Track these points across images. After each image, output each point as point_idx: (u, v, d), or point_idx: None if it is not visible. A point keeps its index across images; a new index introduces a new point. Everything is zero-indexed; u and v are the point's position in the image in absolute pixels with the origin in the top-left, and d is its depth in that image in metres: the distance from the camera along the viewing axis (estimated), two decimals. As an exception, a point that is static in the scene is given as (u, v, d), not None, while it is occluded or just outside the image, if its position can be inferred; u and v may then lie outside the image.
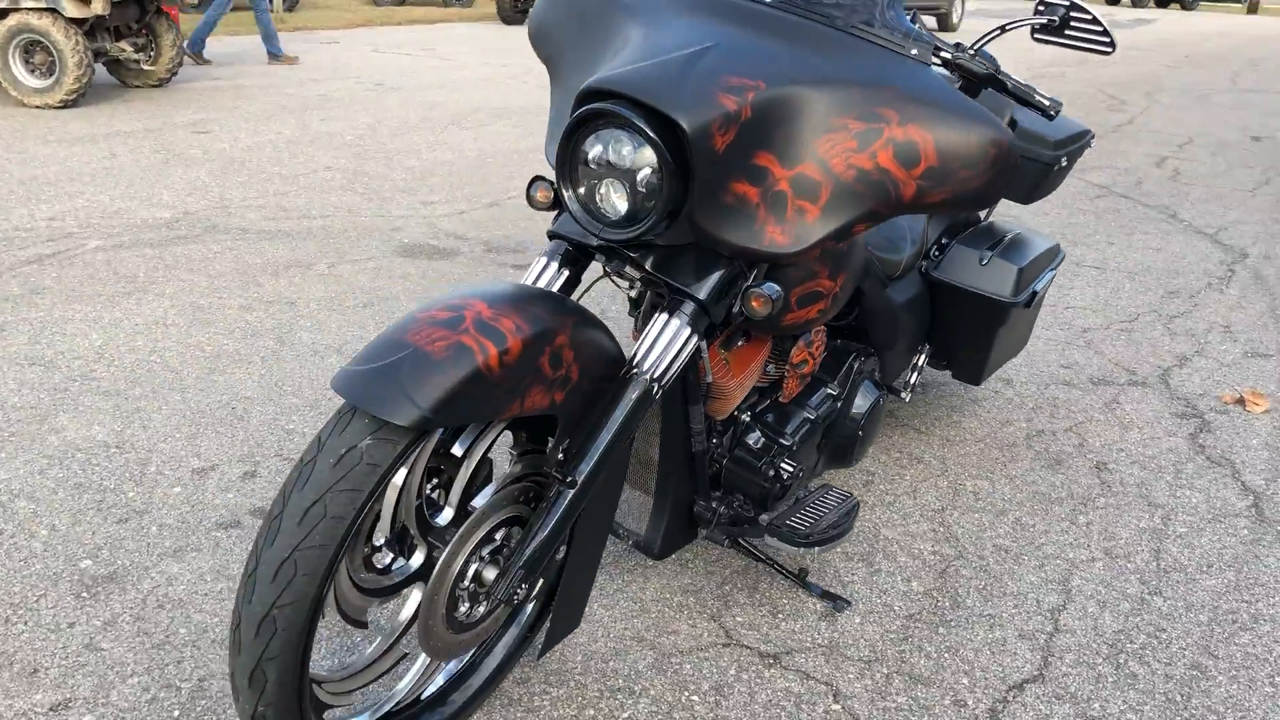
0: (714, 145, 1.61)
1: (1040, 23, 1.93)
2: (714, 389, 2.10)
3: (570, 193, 1.73)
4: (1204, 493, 2.83)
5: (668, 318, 1.78)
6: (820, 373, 2.41)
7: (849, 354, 2.46)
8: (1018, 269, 2.68)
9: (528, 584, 1.70)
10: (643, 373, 1.74)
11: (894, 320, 2.55)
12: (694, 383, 2.01)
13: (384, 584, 1.65)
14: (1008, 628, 2.26)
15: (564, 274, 1.90)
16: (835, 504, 2.29)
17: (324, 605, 1.47)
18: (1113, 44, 1.88)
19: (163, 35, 7.78)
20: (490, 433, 1.71)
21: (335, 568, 1.44)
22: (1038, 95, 1.91)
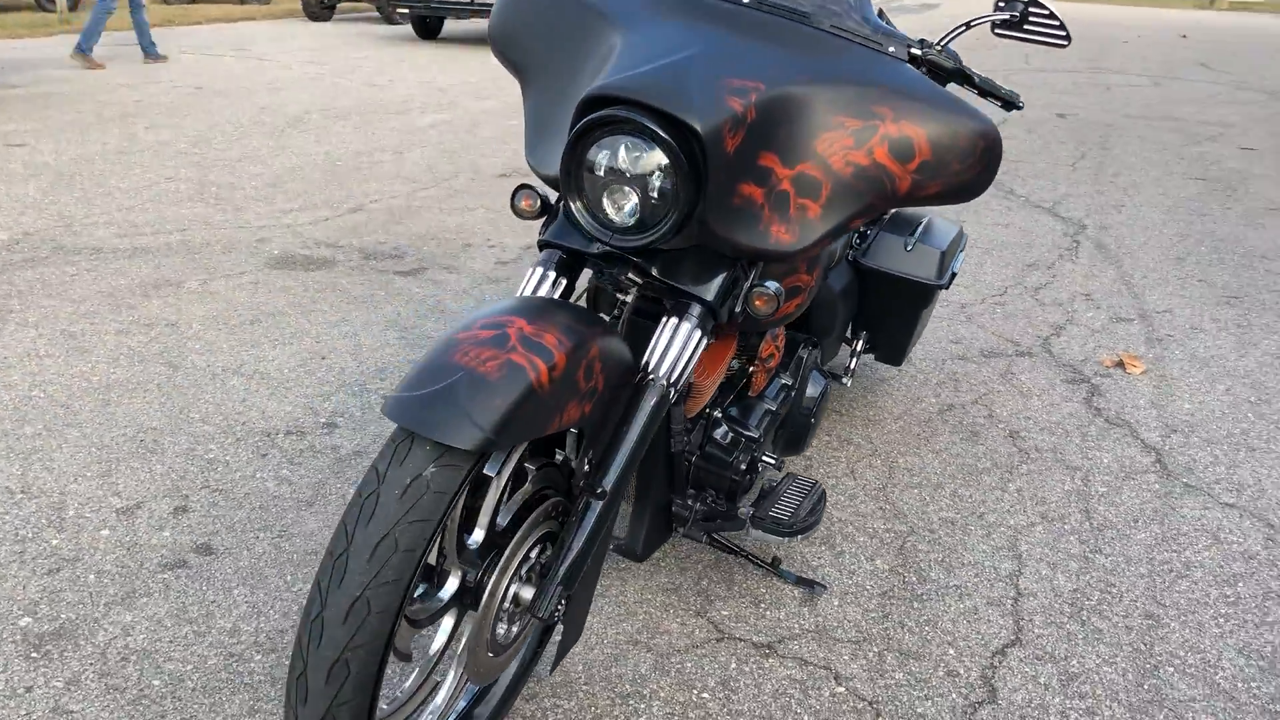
0: (725, 148, 1.62)
1: (1002, 18, 2.02)
2: (690, 389, 2.11)
3: (577, 201, 1.70)
4: (1111, 453, 3.03)
5: (678, 321, 1.78)
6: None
7: (797, 345, 2.52)
8: (940, 252, 2.79)
9: (566, 599, 1.68)
10: (659, 378, 1.74)
11: (833, 308, 2.63)
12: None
13: (427, 612, 1.60)
14: (975, 597, 2.36)
15: (561, 283, 1.87)
16: (806, 491, 2.35)
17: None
18: (1068, 37, 1.98)
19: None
20: (515, 452, 1.67)
21: (405, 603, 1.39)
22: (1001, 89, 2.00)
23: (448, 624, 1.73)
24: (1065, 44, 1.99)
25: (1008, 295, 4.33)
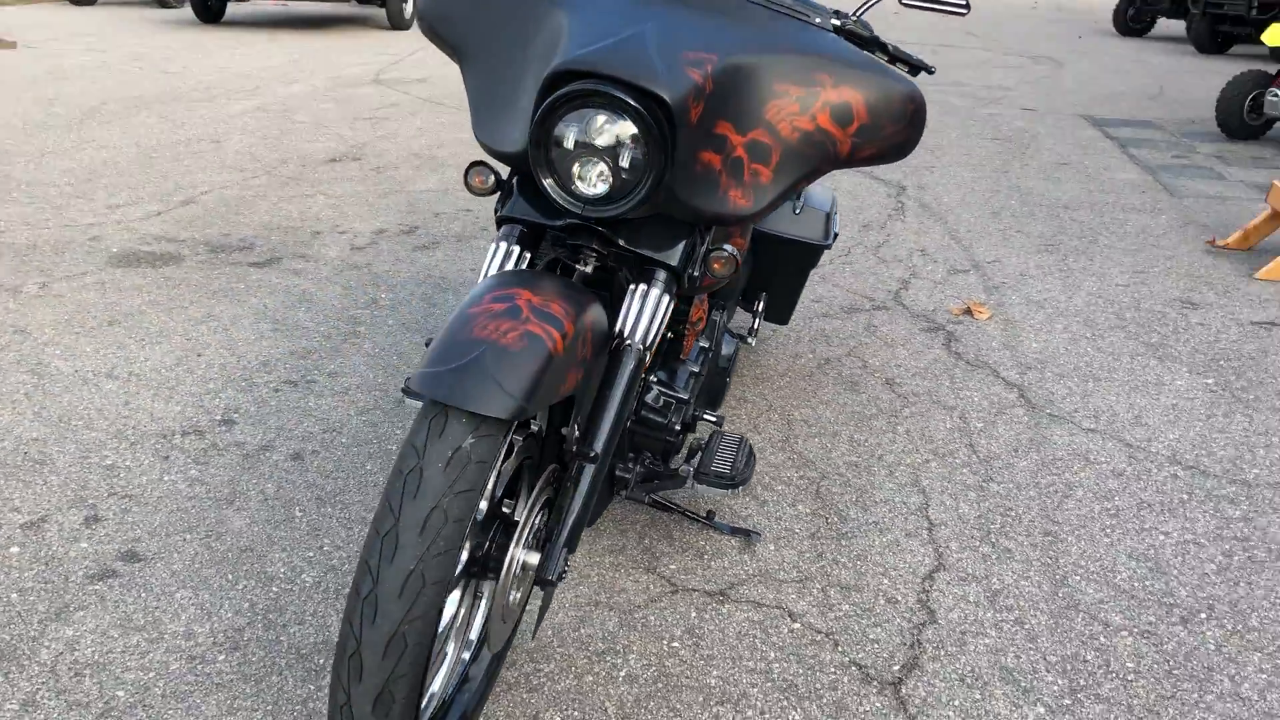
0: (690, 117, 1.71)
1: (908, -11, 2.17)
2: None
3: (547, 175, 1.75)
4: (979, 392, 3.28)
5: (646, 288, 1.85)
6: None
7: (710, 309, 2.63)
8: (825, 214, 2.96)
9: (568, 561, 1.74)
10: (634, 343, 1.81)
11: (738, 272, 2.75)
12: None
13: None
14: (894, 530, 2.54)
15: (526, 257, 1.91)
16: (736, 445, 2.46)
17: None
18: (967, 5, 2.16)
19: None
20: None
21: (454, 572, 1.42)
22: (911, 56, 2.15)
23: (454, 597, 1.76)
24: (965, 12, 2.17)
25: (852, 255, 4.58)
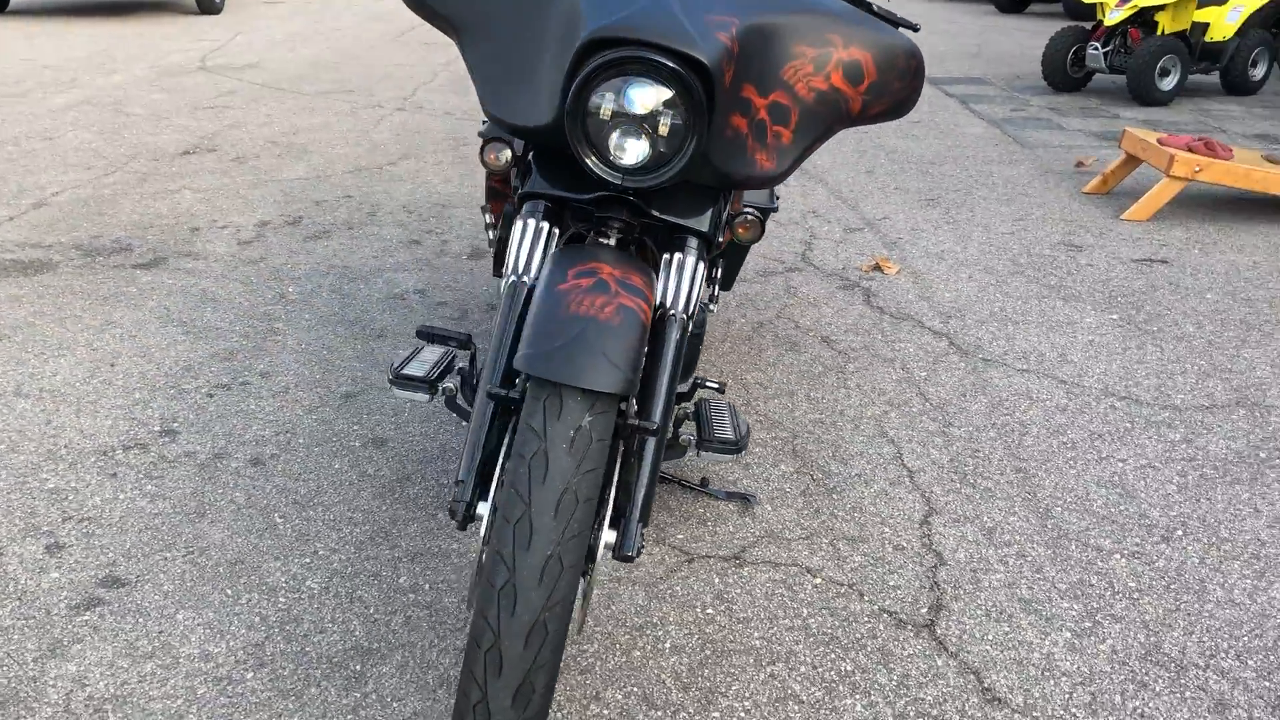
0: (725, 81, 1.71)
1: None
2: None
3: (585, 147, 1.71)
4: (912, 343, 3.40)
5: (681, 257, 1.84)
6: None
7: None
8: None
9: (643, 535, 1.72)
10: (678, 312, 1.80)
11: None
12: None
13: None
14: (878, 481, 2.61)
15: (555, 232, 1.87)
16: (725, 409, 2.48)
17: None
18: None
19: None
20: None
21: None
22: (896, 15, 2.19)
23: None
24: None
25: (748, 219, 4.64)
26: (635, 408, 1.74)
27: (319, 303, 3.59)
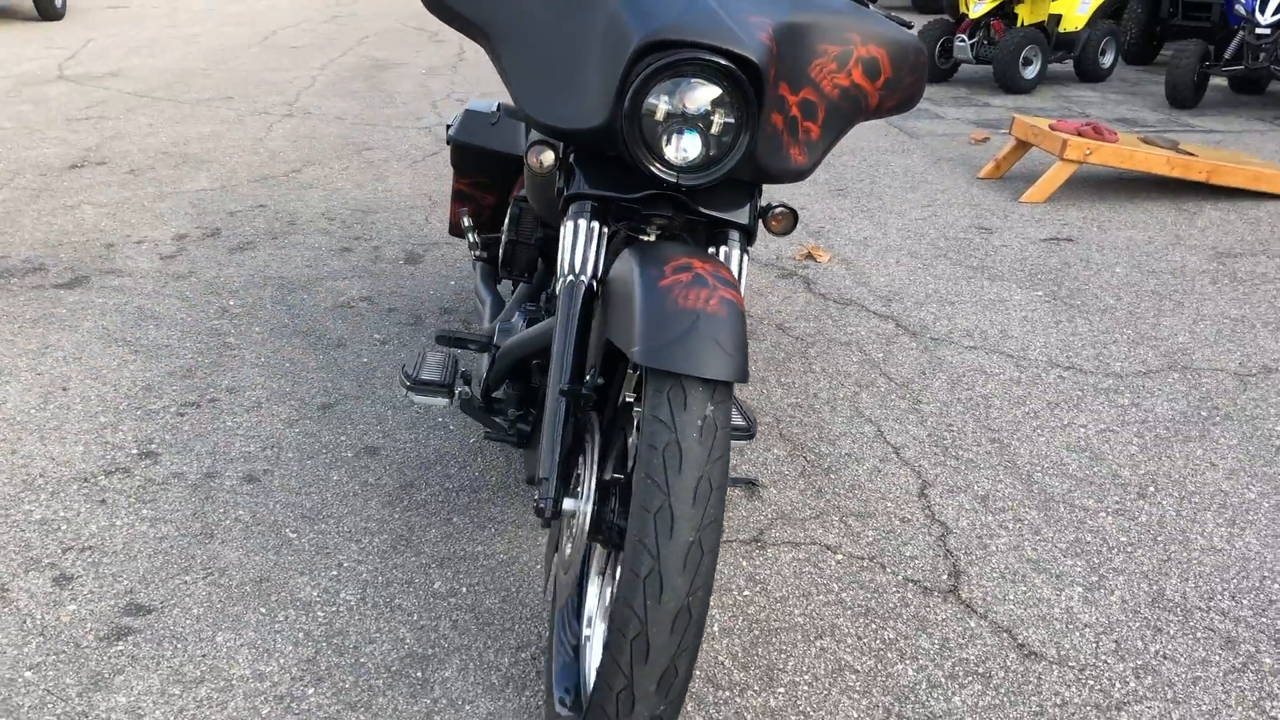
0: (770, 80, 1.78)
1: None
2: None
3: (640, 147, 1.75)
4: (862, 326, 3.54)
5: (726, 249, 1.90)
6: None
7: None
8: None
9: None
10: None
11: None
12: None
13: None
14: (868, 458, 2.72)
15: (605, 231, 1.90)
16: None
17: None
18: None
19: None
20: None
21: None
22: (892, 15, 2.29)
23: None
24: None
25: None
26: None
27: (265, 315, 3.51)
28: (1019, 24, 7.75)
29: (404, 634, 2.05)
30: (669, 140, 1.74)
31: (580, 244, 1.85)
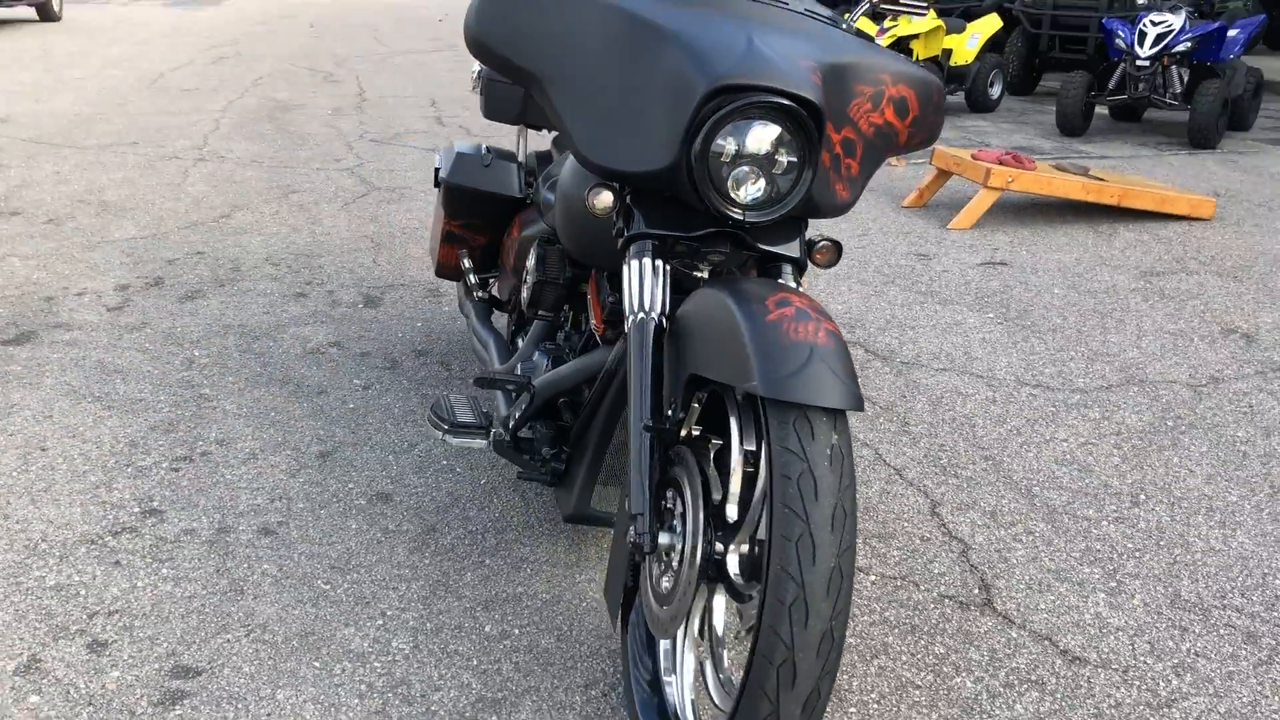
0: (826, 119, 1.86)
1: (888, -6, 2.40)
2: None
3: (708, 187, 1.80)
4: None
5: (782, 283, 1.96)
6: None
7: None
8: None
9: None
10: None
11: None
12: None
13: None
14: (875, 481, 2.80)
15: (666, 269, 1.93)
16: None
17: None
18: (927, 6, 2.44)
19: None
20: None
21: (851, 562, 1.48)
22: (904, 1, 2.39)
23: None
24: (924, 13, 2.45)
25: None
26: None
27: (235, 365, 3.43)
28: (915, 59, 8.07)
29: (468, 679, 2.03)
30: (737, 180, 1.79)
31: (648, 283, 1.89)
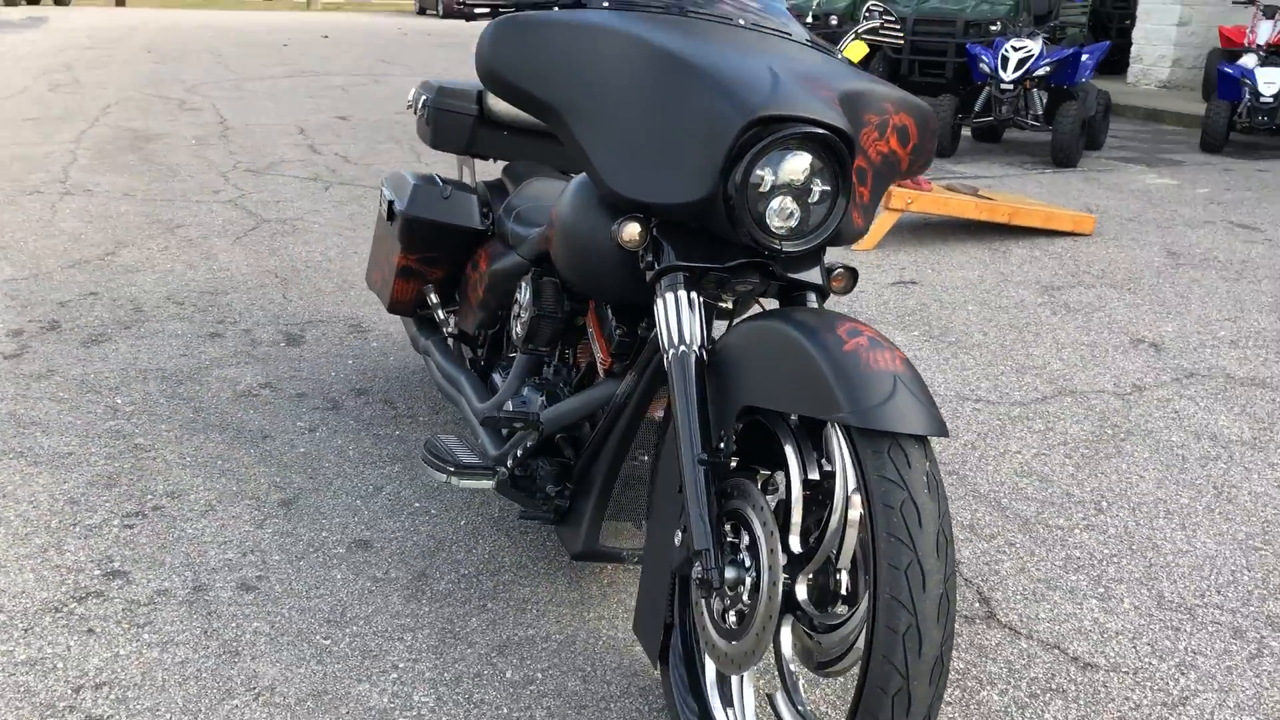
0: (856, 149, 1.90)
1: (870, 26, 2.44)
2: None
3: (746, 217, 1.80)
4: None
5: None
6: None
7: None
8: None
9: None
10: None
11: None
12: None
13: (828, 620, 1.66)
14: (850, 501, 2.84)
15: (699, 300, 1.92)
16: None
17: None
18: (903, 37, 2.50)
19: None
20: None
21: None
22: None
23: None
24: (900, 42, 2.51)
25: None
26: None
27: (164, 411, 3.24)
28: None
29: (503, 729, 1.96)
30: (774, 210, 1.80)
31: (685, 315, 1.87)
